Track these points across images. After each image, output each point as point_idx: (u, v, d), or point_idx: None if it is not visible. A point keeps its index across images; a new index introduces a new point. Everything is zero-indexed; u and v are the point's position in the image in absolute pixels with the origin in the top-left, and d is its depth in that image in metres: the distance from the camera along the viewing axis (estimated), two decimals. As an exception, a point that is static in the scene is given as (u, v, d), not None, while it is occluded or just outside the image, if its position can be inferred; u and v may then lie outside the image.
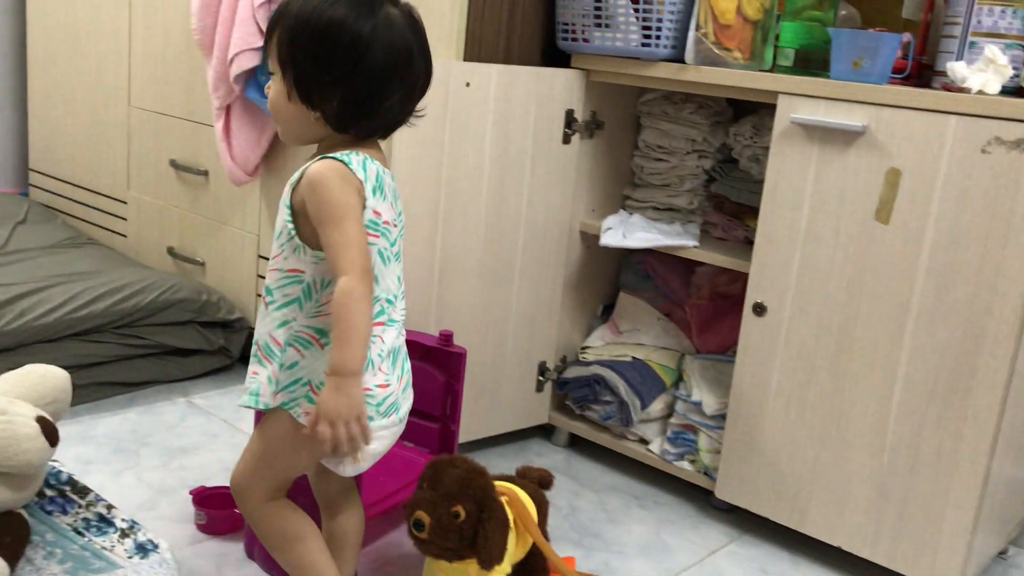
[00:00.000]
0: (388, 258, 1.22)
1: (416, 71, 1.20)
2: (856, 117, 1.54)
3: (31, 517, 1.44)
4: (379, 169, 1.19)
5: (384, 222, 1.20)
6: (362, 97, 1.17)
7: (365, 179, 1.16)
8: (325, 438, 1.13)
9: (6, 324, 1.90)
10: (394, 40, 1.16)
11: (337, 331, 1.13)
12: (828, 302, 1.61)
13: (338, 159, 1.16)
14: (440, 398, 1.66)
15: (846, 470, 1.63)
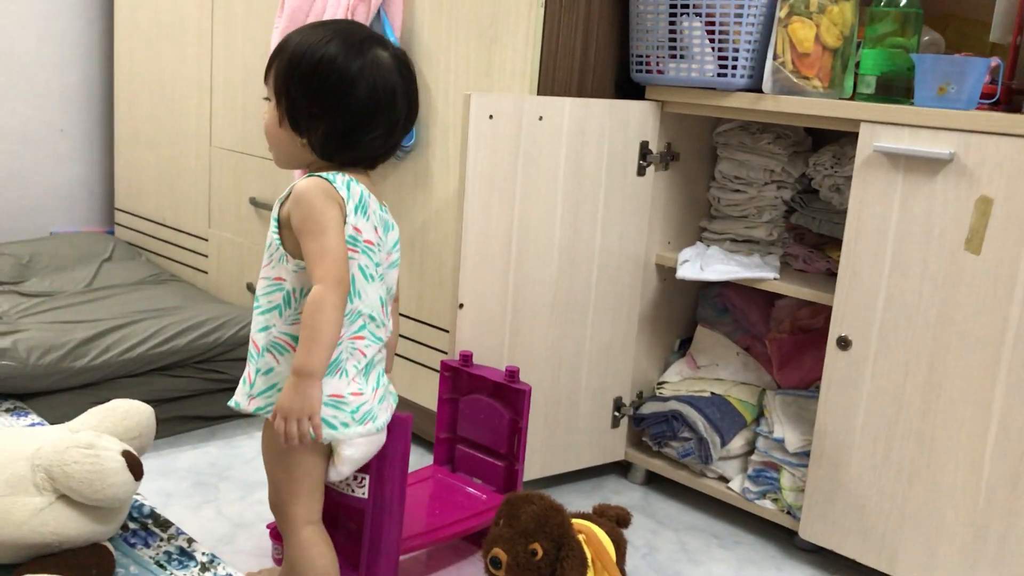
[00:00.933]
0: (371, 276, 1.29)
1: (399, 110, 1.30)
2: (943, 144, 1.50)
3: (116, 550, 1.46)
4: (363, 191, 1.28)
5: (366, 240, 1.28)
6: (344, 130, 1.28)
7: (348, 197, 1.25)
8: (279, 432, 1.21)
9: (92, 359, 1.95)
10: (378, 80, 1.27)
11: (303, 334, 1.20)
12: (916, 335, 1.56)
13: (324, 177, 1.26)
14: (507, 435, 1.64)
15: (939, 510, 1.56)
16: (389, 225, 1.35)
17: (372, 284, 1.29)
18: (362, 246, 1.27)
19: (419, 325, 2.03)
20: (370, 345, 1.30)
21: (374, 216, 1.30)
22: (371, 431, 1.29)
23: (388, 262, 1.34)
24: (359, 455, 1.31)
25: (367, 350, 1.29)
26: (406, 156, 1.99)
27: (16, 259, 2.51)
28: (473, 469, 1.71)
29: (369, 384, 1.30)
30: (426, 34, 1.92)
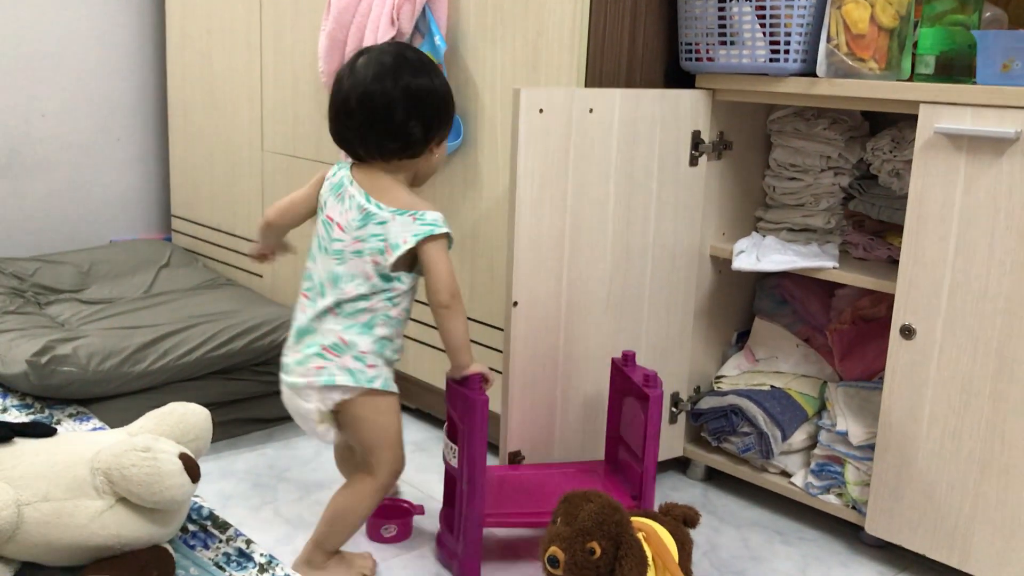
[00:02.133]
0: (324, 248, 1.54)
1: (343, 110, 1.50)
2: (1008, 123, 1.44)
3: (176, 552, 1.47)
4: (343, 177, 1.53)
5: (327, 215, 1.53)
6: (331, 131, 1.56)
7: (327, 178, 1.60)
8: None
9: (150, 364, 1.97)
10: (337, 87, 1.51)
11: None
12: (984, 321, 1.50)
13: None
14: (643, 438, 1.62)
15: (1013, 502, 1.50)
16: (370, 216, 1.49)
17: (322, 255, 1.52)
18: (322, 218, 1.54)
19: (472, 323, 2.02)
20: (307, 307, 1.53)
21: (351, 200, 1.50)
22: (284, 380, 1.54)
23: (352, 248, 1.49)
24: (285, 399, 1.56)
25: (299, 312, 1.54)
26: (454, 154, 1.98)
27: (77, 268, 2.56)
28: (625, 470, 1.70)
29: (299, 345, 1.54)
30: (472, 30, 1.91)
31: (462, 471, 1.54)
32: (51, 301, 2.40)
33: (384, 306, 1.51)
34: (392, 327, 1.53)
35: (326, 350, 1.50)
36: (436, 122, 1.51)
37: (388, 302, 1.51)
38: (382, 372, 1.52)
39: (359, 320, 1.50)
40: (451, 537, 1.60)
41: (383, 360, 1.52)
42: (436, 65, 1.55)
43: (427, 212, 1.49)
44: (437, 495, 1.87)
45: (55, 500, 1.34)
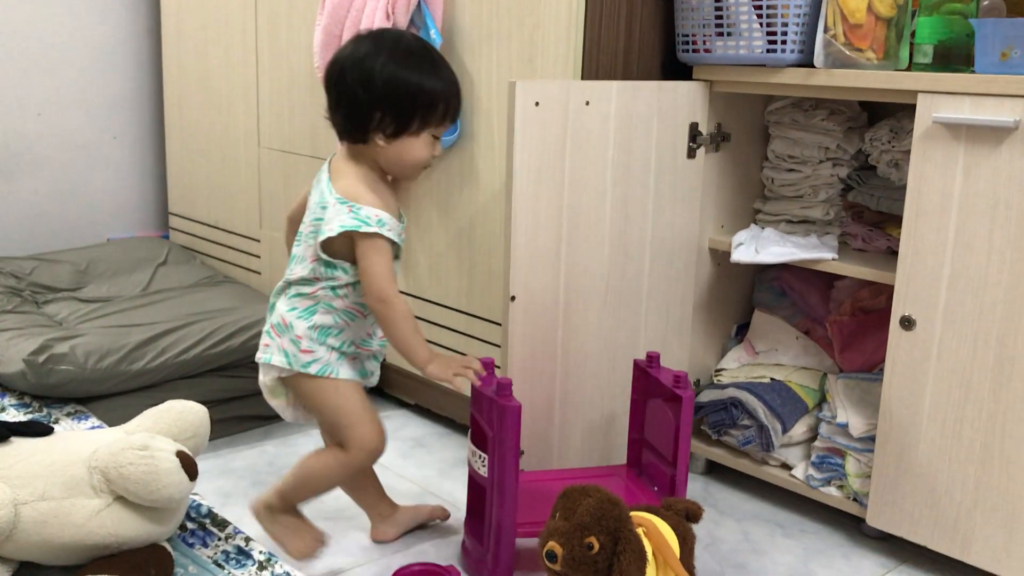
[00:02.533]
0: (300, 231, 1.54)
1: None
2: (1007, 112, 1.43)
3: (174, 550, 1.47)
4: (321, 171, 1.53)
5: (305, 195, 1.56)
6: None
7: None
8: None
9: (148, 362, 1.97)
10: None
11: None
12: (984, 312, 1.49)
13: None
14: (673, 441, 1.60)
15: (1014, 493, 1.50)
16: (323, 199, 1.48)
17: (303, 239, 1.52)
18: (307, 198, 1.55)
19: (469, 318, 2.01)
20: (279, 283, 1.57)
21: (317, 184, 1.52)
22: None
23: (309, 229, 1.49)
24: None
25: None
26: (450, 149, 1.98)
27: (74, 266, 2.55)
28: (651, 473, 1.69)
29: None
30: (467, 24, 1.90)
31: (492, 480, 1.50)
32: (48, 300, 2.40)
33: (327, 295, 1.50)
34: (337, 317, 1.51)
35: (272, 328, 1.52)
36: (389, 115, 1.44)
37: (331, 291, 1.49)
38: (321, 357, 1.50)
39: (301, 304, 1.51)
40: (479, 547, 1.56)
41: (325, 347, 1.50)
42: (434, 61, 1.48)
43: (366, 208, 1.44)
44: (438, 491, 1.87)
45: (52, 499, 1.33)
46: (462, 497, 1.82)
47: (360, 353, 1.56)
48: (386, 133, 1.45)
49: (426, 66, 1.47)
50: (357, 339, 1.55)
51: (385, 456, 2.00)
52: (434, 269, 2.08)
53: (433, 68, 1.47)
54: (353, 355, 1.55)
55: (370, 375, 1.60)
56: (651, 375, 1.67)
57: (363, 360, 1.58)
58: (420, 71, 1.45)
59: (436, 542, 1.68)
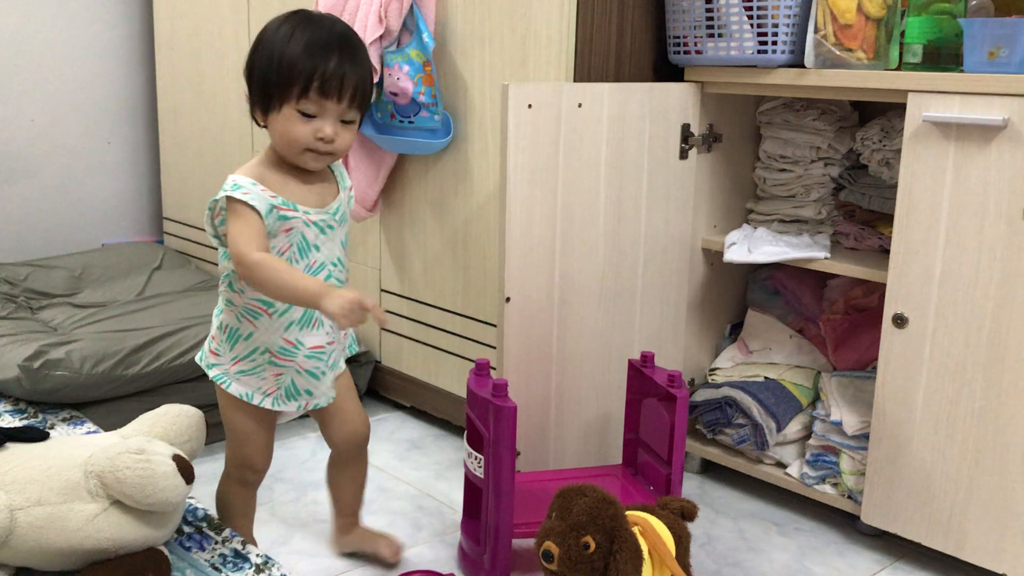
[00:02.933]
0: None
1: None
2: (996, 111, 1.44)
3: (171, 554, 1.47)
4: None
5: None
6: None
7: None
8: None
9: (144, 367, 1.97)
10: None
11: None
12: (976, 309, 1.50)
13: None
14: (668, 440, 1.61)
15: (1007, 489, 1.51)
16: None
17: None
18: None
19: (464, 320, 2.02)
20: None
21: None
22: None
23: None
24: None
25: None
26: (444, 152, 1.98)
27: (69, 272, 2.55)
28: (647, 473, 1.70)
29: None
30: (460, 27, 1.90)
31: (488, 481, 1.50)
32: (43, 306, 2.40)
33: (225, 289, 1.41)
34: (239, 315, 1.40)
35: None
36: (253, 90, 1.37)
37: (228, 286, 1.41)
38: (222, 363, 1.43)
39: (219, 301, 1.45)
40: (476, 548, 1.56)
41: (229, 354, 1.42)
42: (310, 37, 1.33)
43: (232, 175, 1.35)
44: (435, 493, 1.87)
45: (49, 504, 1.33)
46: (458, 498, 1.82)
47: (282, 366, 1.42)
48: (259, 111, 1.37)
49: (294, 40, 1.33)
50: (272, 346, 1.40)
51: (382, 459, 2.01)
52: (429, 271, 2.08)
53: (301, 42, 1.33)
54: (264, 370, 1.42)
55: (295, 399, 1.44)
56: (646, 375, 1.68)
57: (288, 377, 1.43)
58: (284, 44, 1.33)
59: (432, 543, 1.68)
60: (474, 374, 1.58)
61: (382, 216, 2.18)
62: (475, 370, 1.58)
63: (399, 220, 2.13)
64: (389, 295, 2.21)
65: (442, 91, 1.96)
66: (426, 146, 1.96)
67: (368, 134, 2.02)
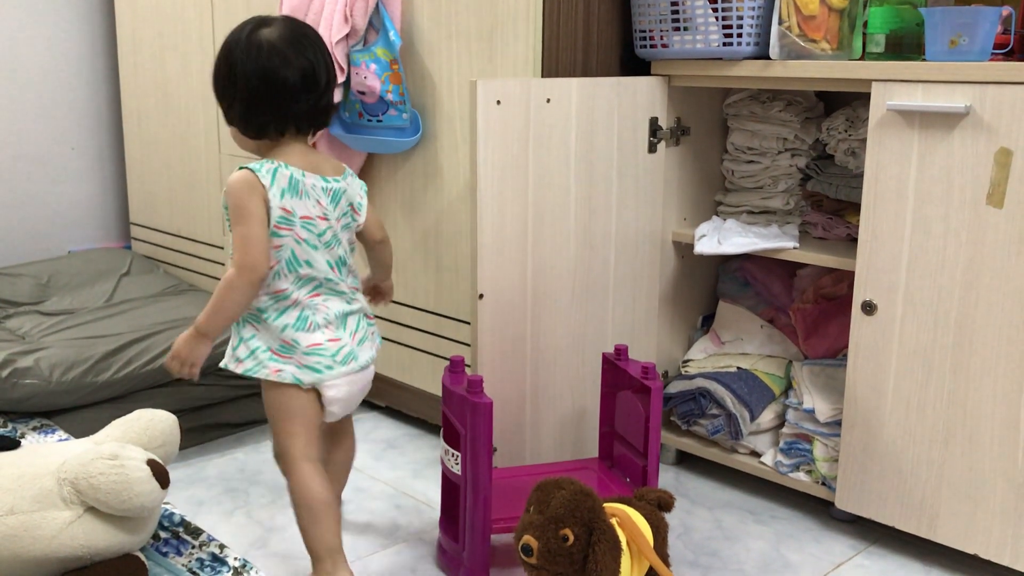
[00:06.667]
0: (315, 246, 1.43)
1: (290, 80, 1.39)
2: (958, 98, 1.47)
3: (148, 559, 1.46)
4: (292, 174, 1.40)
5: (302, 217, 1.41)
6: (246, 108, 1.42)
7: (271, 184, 1.38)
8: (169, 366, 1.42)
9: (115, 372, 1.95)
10: (257, 61, 1.39)
11: (212, 301, 1.38)
12: (943, 294, 1.53)
13: (251, 168, 1.39)
14: (643, 432, 1.62)
15: (977, 472, 1.53)
16: (338, 193, 1.46)
17: (319, 252, 1.43)
18: (299, 222, 1.41)
19: (437, 318, 2.02)
20: (330, 299, 1.46)
21: (313, 192, 1.42)
22: (354, 369, 1.46)
23: (340, 225, 1.46)
24: (342, 395, 1.46)
25: (329, 304, 1.45)
26: (413, 150, 1.98)
27: (36, 279, 2.52)
28: (623, 465, 1.70)
29: (347, 330, 1.47)
30: (426, 25, 1.90)
31: (466, 478, 1.50)
32: (10, 314, 2.37)
33: None
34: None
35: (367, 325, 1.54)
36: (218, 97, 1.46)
37: None
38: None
39: None
40: (454, 545, 1.56)
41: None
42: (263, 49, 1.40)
43: None
44: (412, 492, 1.87)
45: (22, 513, 1.32)
46: (436, 497, 1.82)
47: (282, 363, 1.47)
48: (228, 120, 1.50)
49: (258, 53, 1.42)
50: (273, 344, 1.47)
51: (358, 458, 2.00)
52: (401, 270, 2.08)
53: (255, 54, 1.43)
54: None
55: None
56: (620, 368, 1.69)
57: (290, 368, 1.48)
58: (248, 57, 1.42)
59: (411, 542, 1.68)
60: (449, 371, 1.58)
61: (352, 216, 2.17)
62: (450, 367, 1.58)
63: (370, 220, 2.13)
64: (361, 295, 2.20)
65: (410, 89, 1.95)
66: (395, 144, 1.96)
67: (336, 133, 2.02)
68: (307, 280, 1.43)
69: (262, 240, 1.37)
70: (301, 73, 1.40)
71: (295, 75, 1.39)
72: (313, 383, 1.43)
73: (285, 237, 1.40)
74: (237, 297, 1.37)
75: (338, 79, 1.83)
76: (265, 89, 1.39)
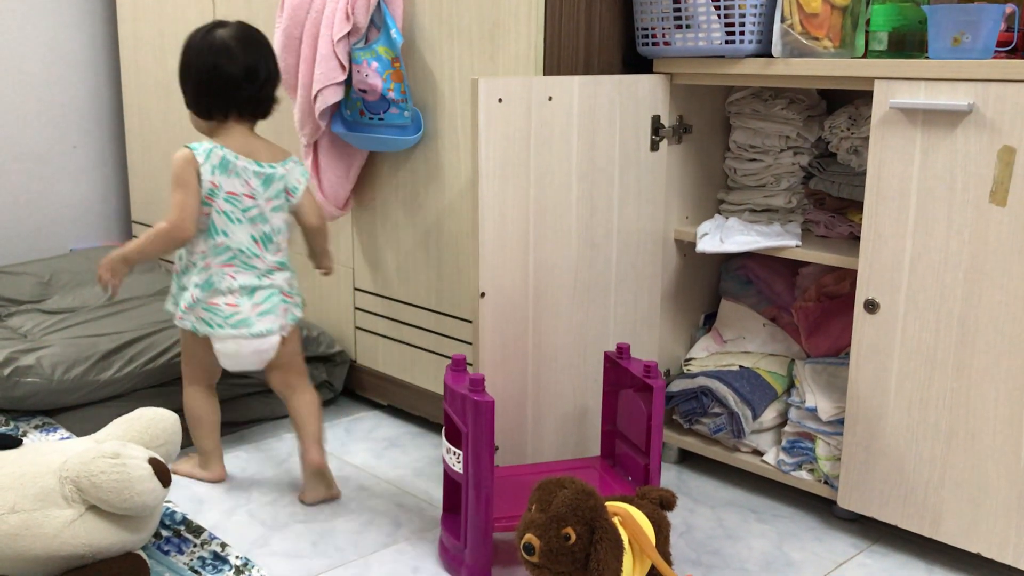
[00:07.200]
0: (237, 219, 1.68)
1: (235, 74, 1.67)
2: (961, 96, 1.46)
3: (150, 558, 1.46)
4: (225, 155, 1.66)
5: (228, 192, 1.67)
6: (197, 95, 1.71)
7: (204, 161, 1.65)
8: (100, 276, 1.71)
9: (116, 371, 1.95)
10: (208, 56, 1.67)
11: (141, 240, 1.69)
12: (945, 293, 1.52)
13: (190, 147, 1.66)
14: (645, 431, 1.61)
15: (980, 470, 1.53)
16: (271, 177, 1.70)
17: (239, 225, 1.68)
18: (223, 196, 1.67)
19: (439, 316, 2.02)
20: (241, 272, 1.70)
21: (244, 172, 1.68)
22: (244, 335, 1.71)
23: (270, 206, 1.70)
24: (230, 351, 1.72)
25: (239, 276, 1.70)
26: (415, 148, 1.98)
27: (37, 278, 2.52)
28: (625, 464, 1.70)
29: (251, 301, 1.71)
30: (428, 23, 1.90)
31: (468, 477, 1.49)
32: (12, 313, 2.37)
33: None
34: None
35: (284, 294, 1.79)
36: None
37: None
38: None
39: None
40: (456, 543, 1.56)
41: None
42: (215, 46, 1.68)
43: None
44: (414, 491, 1.87)
45: (23, 511, 1.32)
46: (437, 495, 1.82)
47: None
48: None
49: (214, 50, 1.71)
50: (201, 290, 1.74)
51: (360, 458, 2.01)
52: (402, 269, 2.08)
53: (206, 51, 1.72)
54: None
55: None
56: (622, 366, 1.69)
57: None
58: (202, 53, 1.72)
59: (413, 540, 1.68)
60: (451, 370, 1.58)
61: (354, 214, 2.17)
62: (452, 366, 1.58)
63: (371, 218, 2.13)
64: (363, 293, 2.20)
65: (412, 87, 1.95)
66: (397, 143, 1.96)
67: (338, 132, 2.02)
68: (223, 249, 1.68)
69: (192, 208, 1.64)
70: (244, 68, 1.67)
71: (239, 69, 1.66)
72: (205, 335, 1.70)
73: (209, 207, 1.66)
74: (160, 246, 1.66)
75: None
76: (212, 79, 1.67)
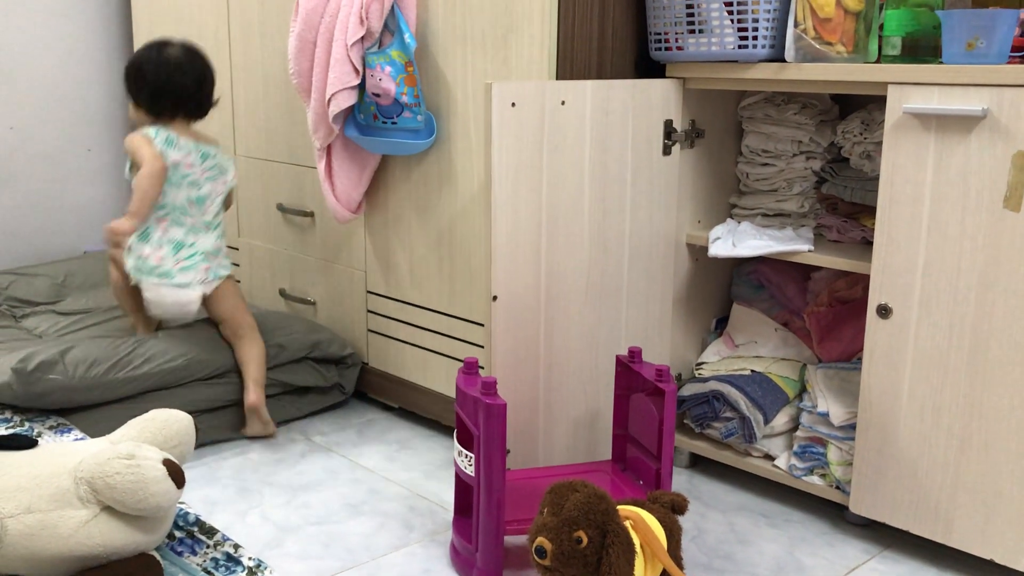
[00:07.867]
0: (177, 183, 2.03)
1: (184, 84, 2.05)
2: (975, 101, 1.46)
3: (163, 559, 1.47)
4: (170, 135, 2.02)
5: (172, 160, 2.01)
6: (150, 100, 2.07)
7: (155, 136, 2.01)
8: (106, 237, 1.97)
9: (131, 371, 1.96)
10: (161, 68, 2.04)
11: (135, 196, 1.99)
12: (958, 298, 1.52)
13: (144, 131, 2.03)
14: (657, 435, 1.61)
15: (993, 476, 1.52)
16: (207, 154, 2.08)
17: (180, 189, 2.03)
18: (169, 163, 2.01)
19: (451, 320, 2.02)
20: (172, 228, 2.04)
21: (184, 147, 2.03)
22: (164, 283, 2.01)
23: (204, 176, 2.06)
24: (152, 297, 2.03)
25: (171, 231, 2.03)
26: (427, 152, 1.98)
27: (52, 279, 2.54)
28: (636, 468, 1.70)
29: (175, 256, 2.03)
30: (441, 27, 1.91)
31: (479, 480, 1.50)
32: (26, 314, 2.38)
33: None
34: None
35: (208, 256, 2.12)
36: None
37: None
38: None
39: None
40: (467, 546, 1.56)
41: None
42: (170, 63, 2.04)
43: None
44: (426, 494, 1.87)
45: (39, 512, 1.33)
46: (449, 498, 1.83)
47: None
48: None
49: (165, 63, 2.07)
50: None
51: (371, 459, 2.01)
52: (414, 272, 2.09)
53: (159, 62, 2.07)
54: None
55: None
56: (633, 370, 1.69)
57: None
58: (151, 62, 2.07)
59: (424, 543, 1.68)
60: (463, 373, 1.58)
61: (366, 218, 2.18)
62: (464, 369, 1.59)
63: (383, 222, 2.13)
64: (375, 296, 2.21)
65: (425, 91, 1.96)
66: (409, 147, 1.96)
67: (351, 136, 2.02)
68: (160, 206, 2.01)
69: (157, 158, 1.99)
70: (193, 78, 2.05)
71: (189, 80, 2.04)
72: (135, 278, 2.02)
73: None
74: (152, 189, 1.97)
75: (354, 81, 1.92)
76: (168, 87, 2.03)
